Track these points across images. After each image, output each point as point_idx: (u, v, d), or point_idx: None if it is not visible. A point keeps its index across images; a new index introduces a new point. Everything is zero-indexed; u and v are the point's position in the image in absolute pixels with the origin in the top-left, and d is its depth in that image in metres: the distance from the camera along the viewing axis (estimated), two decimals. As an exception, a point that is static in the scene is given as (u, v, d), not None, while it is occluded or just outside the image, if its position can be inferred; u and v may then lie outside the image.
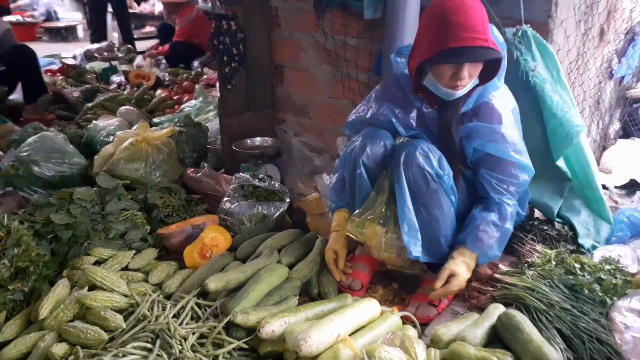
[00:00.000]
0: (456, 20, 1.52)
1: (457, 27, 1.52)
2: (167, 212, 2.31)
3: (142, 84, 4.58)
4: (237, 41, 2.70)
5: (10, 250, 1.81)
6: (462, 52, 1.53)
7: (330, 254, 1.89)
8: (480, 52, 1.55)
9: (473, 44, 1.52)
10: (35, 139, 2.53)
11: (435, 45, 1.55)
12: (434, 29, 1.57)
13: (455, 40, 1.51)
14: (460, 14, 1.53)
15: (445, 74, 1.60)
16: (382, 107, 1.83)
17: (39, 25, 9.05)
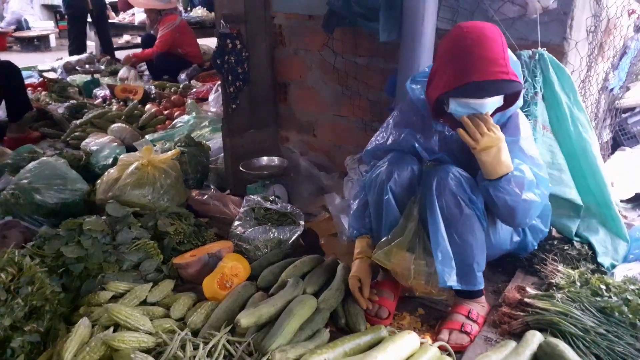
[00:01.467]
0: (479, 54, 1.52)
1: (480, 61, 1.51)
2: (178, 239, 2.23)
3: (129, 98, 4.46)
4: (242, 60, 2.65)
5: (24, 288, 1.71)
6: (485, 86, 1.53)
7: (354, 282, 1.86)
8: (502, 86, 1.55)
9: (495, 77, 1.52)
10: (36, 164, 2.42)
11: (458, 79, 1.54)
12: (455, 61, 1.56)
13: (478, 74, 1.51)
14: (483, 46, 1.53)
15: (469, 104, 1.60)
16: (403, 134, 1.82)
17: (9, 35, 8.76)
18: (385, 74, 2.53)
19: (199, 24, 5.93)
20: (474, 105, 1.60)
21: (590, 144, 2.04)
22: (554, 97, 2.02)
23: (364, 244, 1.92)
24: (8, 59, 7.58)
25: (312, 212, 2.75)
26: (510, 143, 1.69)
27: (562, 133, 2.03)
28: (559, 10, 2.02)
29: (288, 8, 2.78)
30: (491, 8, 2.10)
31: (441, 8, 2.17)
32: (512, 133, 1.72)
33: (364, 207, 1.94)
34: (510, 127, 1.73)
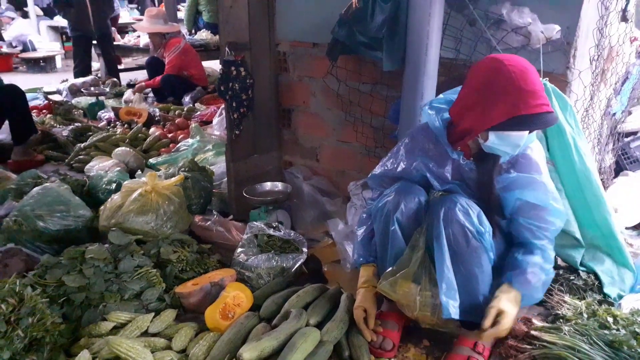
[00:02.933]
0: (526, 88, 1.51)
1: (528, 95, 1.51)
2: (181, 267, 2.22)
3: (133, 120, 4.48)
4: (246, 87, 2.66)
5: (25, 319, 1.70)
6: (533, 119, 1.53)
7: (359, 312, 1.84)
8: (547, 119, 1.55)
9: (541, 110, 1.52)
10: (39, 190, 2.41)
11: (505, 112, 1.52)
12: (501, 95, 1.53)
13: (527, 107, 1.51)
14: (529, 80, 1.52)
15: (509, 138, 1.59)
16: (415, 162, 1.81)
17: (15, 55, 8.86)
18: (388, 101, 2.54)
19: (203, 47, 5.99)
20: (513, 139, 1.59)
21: (593, 173, 2.03)
22: (557, 127, 2.02)
23: (370, 273, 1.91)
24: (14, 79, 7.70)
25: (315, 237, 2.74)
26: (533, 181, 1.70)
27: (565, 163, 2.02)
28: (562, 40, 2.03)
29: (292, 36, 2.81)
30: (494, 38, 2.11)
31: (444, 37, 2.19)
32: (528, 166, 1.72)
33: (369, 235, 1.94)
34: (524, 160, 1.73)
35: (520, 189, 1.71)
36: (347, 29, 2.26)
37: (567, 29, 2.01)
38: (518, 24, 2.03)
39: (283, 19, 2.80)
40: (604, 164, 3.15)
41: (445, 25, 2.18)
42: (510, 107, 1.51)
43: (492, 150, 1.64)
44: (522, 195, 1.72)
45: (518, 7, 2.04)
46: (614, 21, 2.31)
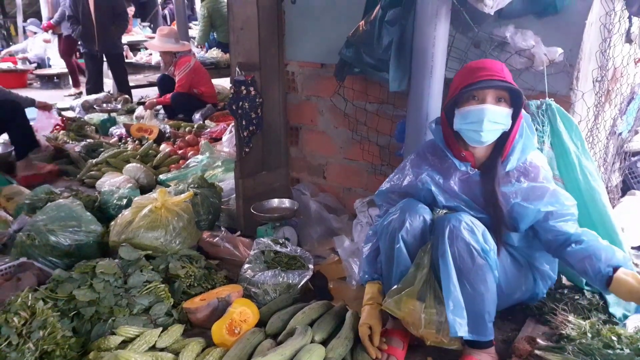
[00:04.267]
0: (475, 66, 1.75)
1: (475, 70, 1.72)
2: (189, 282, 2.25)
3: (144, 137, 4.56)
4: (255, 105, 2.72)
5: (36, 332, 1.74)
6: (478, 83, 1.69)
7: (364, 329, 1.86)
8: (493, 83, 1.69)
9: (489, 78, 1.69)
10: (52, 206, 2.47)
11: (457, 88, 1.73)
12: (456, 80, 1.78)
13: (473, 78, 1.71)
14: (480, 63, 1.78)
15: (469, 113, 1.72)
16: (421, 175, 1.86)
17: (30, 72, 9.05)
18: (394, 120, 2.58)
19: (213, 65, 6.10)
20: (473, 112, 1.71)
21: (600, 193, 2.05)
22: (562, 147, 2.05)
23: (375, 290, 1.93)
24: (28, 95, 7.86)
25: (321, 254, 2.76)
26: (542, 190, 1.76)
27: (570, 182, 2.04)
28: (565, 62, 2.07)
29: (301, 57, 2.88)
30: (498, 59, 2.15)
31: (450, 59, 2.24)
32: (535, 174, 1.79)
33: (375, 252, 1.97)
34: (530, 169, 1.80)
35: (538, 200, 1.76)
36: (355, 51, 2.32)
37: (570, 51, 2.05)
38: (521, 46, 2.07)
39: (292, 40, 2.87)
40: (611, 183, 3.15)
41: (451, 47, 2.23)
42: (461, 82, 1.73)
43: (464, 134, 1.78)
44: (543, 207, 1.76)
45: (521, 30, 2.09)
46: (618, 43, 2.35)
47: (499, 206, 1.76)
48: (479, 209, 1.81)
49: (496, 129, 1.73)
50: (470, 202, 1.82)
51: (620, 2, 2.19)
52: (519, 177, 1.79)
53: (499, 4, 1.90)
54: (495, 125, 1.72)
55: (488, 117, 1.69)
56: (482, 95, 1.72)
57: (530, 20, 2.10)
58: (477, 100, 1.72)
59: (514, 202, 1.77)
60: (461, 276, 1.69)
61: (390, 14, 2.16)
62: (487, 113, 1.69)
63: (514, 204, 1.76)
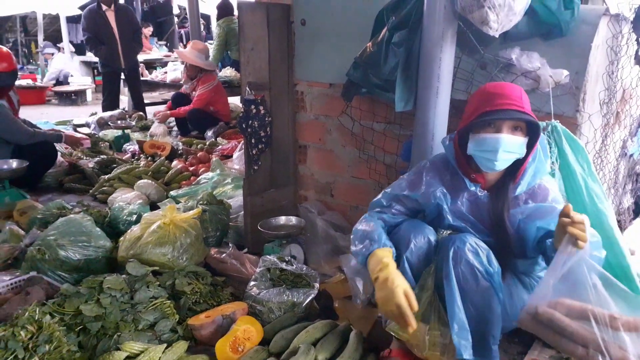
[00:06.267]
0: (493, 92, 1.70)
1: (494, 96, 1.68)
2: (195, 299, 2.26)
3: (156, 153, 4.63)
4: (265, 124, 2.76)
5: (42, 347, 1.76)
6: (497, 113, 1.66)
7: (401, 295, 1.58)
8: (512, 113, 1.65)
9: (506, 107, 1.65)
10: (63, 221, 2.52)
11: (475, 113, 1.69)
12: (474, 102, 1.73)
13: (492, 105, 1.66)
14: (498, 87, 1.73)
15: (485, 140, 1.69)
16: (436, 189, 1.83)
17: (49, 89, 9.27)
18: (400, 140, 2.60)
19: (227, 83, 6.19)
20: (488, 140, 1.68)
21: (607, 216, 2.03)
22: (568, 169, 2.04)
23: (387, 253, 1.72)
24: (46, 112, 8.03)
25: (327, 272, 2.77)
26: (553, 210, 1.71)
27: (577, 205, 2.03)
28: (571, 84, 2.07)
29: (310, 77, 2.92)
30: (504, 81, 2.17)
31: (456, 79, 2.26)
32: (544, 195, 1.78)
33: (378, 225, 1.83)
34: (540, 191, 1.79)
35: (540, 218, 1.72)
36: (362, 71, 2.35)
37: (576, 73, 2.06)
38: (527, 68, 2.09)
39: (301, 61, 2.91)
40: (622, 205, 3.12)
41: (457, 68, 2.25)
42: (478, 107, 1.69)
43: (478, 160, 1.74)
44: (544, 224, 1.70)
45: (527, 52, 2.10)
46: (627, 65, 2.35)
47: (506, 230, 1.75)
48: (485, 231, 1.81)
49: (510, 157, 1.71)
50: (477, 223, 1.82)
51: (628, 24, 2.20)
52: (527, 200, 1.79)
53: (504, 26, 1.92)
54: (510, 154, 1.70)
55: (503, 147, 1.67)
56: (498, 124, 1.68)
57: (536, 43, 2.12)
58: (493, 128, 1.69)
59: (519, 220, 1.75)
60: (465, 298, 1.68)
61: (397, 36, 2.19)
62: (503, 143, 1.66)
63: (519, 221, 1.75)
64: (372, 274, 1.67)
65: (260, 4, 2.82)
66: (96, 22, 6.23)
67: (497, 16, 1.84)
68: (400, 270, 1.79)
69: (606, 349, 1.38)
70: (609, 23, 2.13)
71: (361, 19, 2.50)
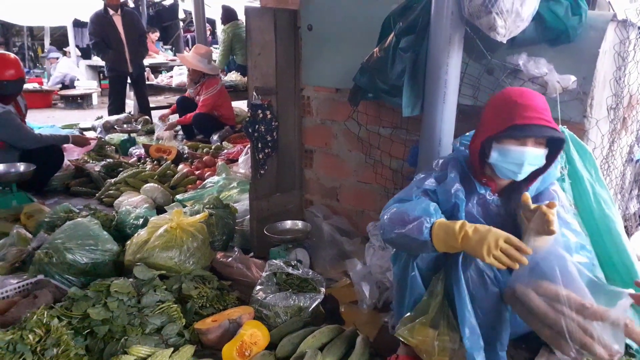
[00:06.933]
0: (521, 102, 1.64)
1: (523, 108, 1.62)
2: (201, 303, 2.27)
3: (162, 157, 4.64)
4: (271, 129, 2.77)
5: (50, 350, 1.77)
6: (527, 128, 1.61)
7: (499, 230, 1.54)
8: (542, 130, 1.62)
9: (536, 122, 1.60)
10: (70, 225, 2.53)
11: (501, 124, 1.64)
12: (499, 110, 1.67)
13: (521, 118, 1.61)
14: (525, 97, 1.66)
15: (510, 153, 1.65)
16: (458, 189, 1.78)
17: (55, 93, 9.32)
18: (407, 145, 2.60)
19: (232, 88, 6.21)
20: (514, 153, 1.65)
21: (615, 222, 2.02)
22: (575, 174, 2.04)
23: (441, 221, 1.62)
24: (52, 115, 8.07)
25: (333, 277, 2.77)
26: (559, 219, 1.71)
27: (584, 210, 2.03)
28: (578, 90, 2.07)
29: (316, 82, 2.93)
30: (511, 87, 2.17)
31: (463, 85, 2.26)
32: (549, 199, 1.76)
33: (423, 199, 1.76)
34: (546, 195, 1.78)
35: None
36: (369, 77, 2.36)
37: (584, 79, 2.06)
38: (534, 74, 2.09)
39: (308, 66, 2.92)
40: (629, 211, 3.11)
41: (464, 73, 2.25)
42: (506, 118, 1.63)
43: (498, 169, 1.71)
44: None
45: (534, 57, 2.10)
46: (634, 70, 2.35)
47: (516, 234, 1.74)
48: None
49: (532, 169, 1.70)
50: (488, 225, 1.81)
51: (635, 30, 2.20)
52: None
53: (511, 32, 1.92)
54: (533, 167, 1.69)
55: (528, 160, 1.65)
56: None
57: (544, 48, 2.12)
58: (518, 141, 1.65)
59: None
60: (474, 303, 1.68)
61: (404, 42, 2.19)
62: (528, 157, 1.65)
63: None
64: (455, 236, 1.56)
65: (268, 10, 2.83)
66: (103, 27, 6.28)
67: (505, 22, 1.84)
68: (410, 277, 1.79)
69: (570, 333, 1.43)
70: (616, 29, 2.13)
71: (368, 25, 2.51)
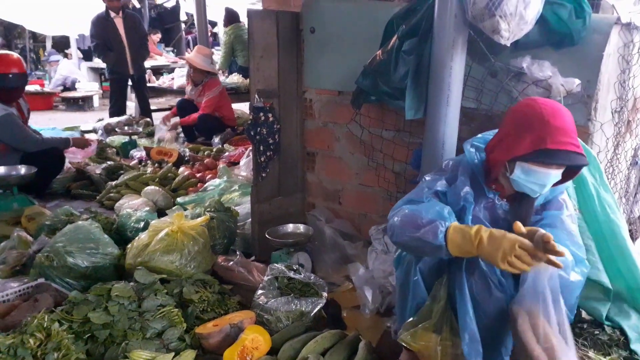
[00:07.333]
0: (554, 124, 1.56)
1: (555, 131, 1.56)
2: (202, 307, 2.25)
3: (163, 160, 4.63)
4: (273, 132, 2.76)
5: (51, 354, 1.76)
6: (558, 154, 1.56)
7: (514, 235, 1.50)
8: (572, 157, 1.57)
9: (568, 148, 1.56)
10: (71, 228, 2.52)
11: (533, 144, 1.57)
12: (529, 128, 1.59)
13: (553, 142, 1.55)
14: (558, 117, 1.58)
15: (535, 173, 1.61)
16: (467, 192, 1.75)
17: (56, 95, 9.32)
18: (410, 148, 2.59)
19: (234, 90, 6.20)
20: (539, 176, 1.61)
21: (620, 226, 2.01)
22: (580, 178, 2.02)
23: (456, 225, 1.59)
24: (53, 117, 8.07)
25: (335, 281, 2.75)
26: (552, 217, 1.71)
27: (589, 214, 2.02)
28: (582, 93, 2.06)
29: (319, 84, 2.92)
30: (515, 89, 2.16)
31: (466, 88, 2.25)
32: (557, 207, 1.75)
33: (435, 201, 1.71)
34: (554, 203, 1.76)
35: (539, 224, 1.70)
36: (371, 79, 2.35)
37: (588, 82, 2.05)
38: (538, 77, 2.07)
39: (310, 68, 2.91)
40: (633, 214, 3.09)
41: (467, 76, 2.24)
42: (537, 139, 1.56)
43: (518, 185, 1.66)
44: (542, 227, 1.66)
45: (538, 60, 2.09)
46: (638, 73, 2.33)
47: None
48: None
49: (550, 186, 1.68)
50: None
51: (639, 33, 2.18)
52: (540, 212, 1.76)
53: (515, 35, 1.91)
54: (551, 185, 1.67)
55: (551, 181, 1.63)
56: None
57: (547, 51, 2.11)
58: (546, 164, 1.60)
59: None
60: (478, 308, 1.66)
61: (407, 44, 2.18)
62: (552, 179, 1.63)
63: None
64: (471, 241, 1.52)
65: (270, 12, 2.82)
66: (104, 29, 6.28)
67: (509, 25, 1.83)
68: (413, 282, 1.77)
69: None
70: (620, 32, 2.12)
71: (370, 27, 2.50)
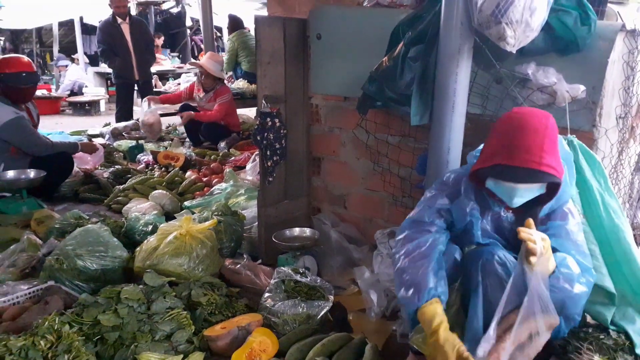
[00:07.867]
0: (513, 140, 1.57)
1: (513, 147, 1.56)
2: (210, 310, 2.28)
3: (170, 164, 4.67)
4: (280, 137, 2.79)
5: (61, 357, 1.78)
6: (513, 171, 1.56)
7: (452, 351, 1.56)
8: (532, 175, 1.56)
9: (524, 165, 1.54)
10: (81, 231, 2.55)
11: (490, 158, 1.61)
12: (494, 141, 1.63)
13: (508, 158, 1.56)
14: (521, 133, 1.56)
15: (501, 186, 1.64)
16: (473, 208, 1.78)
17: (63, 99, 9.40)
18: (415, 153, 2.61)
19: (239, 95, 6.25)
20: (504, 187, 1.63)
21: (624, 232, 2.02)
22: (585, 184, 2.04)
23: (440, 310, 1.64)
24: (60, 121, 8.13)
25: (341, 285, 2.77)
26: (557, 227, 1.72)
27: (593, 219, 2.02)
28: (587, 99, 2.08)
29: (325, 90, 2.95)
30: (520, 95, 2.18)
31: (471, 94, 2.26)
32: (562, 217, 1.76)
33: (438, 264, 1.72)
34: (559, 213, 1.76)
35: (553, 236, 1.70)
36: (377, 85, 2.37)
37: (593, 88, 2.06)
38: (543, 83, 2.09)
39: (317, 74, 2.94)
40: (637, 220, 3.10)
41: (472, 82, 2.26)
42: (495, 154, 1.59)
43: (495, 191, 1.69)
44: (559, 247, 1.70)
45: (543, 67, 2.11)
46: (642, 80, 2.35)
47: None
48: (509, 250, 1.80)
49: (528, 198, 1.66)
50: (503, 242, 1.81)
51: (644, 40, 2.20)
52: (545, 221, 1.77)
53: (521, 42, 1.93)
54: (526, 199, 1.66)
55: (519, 195, 1.63)
56: None
57: (552, 58, 2.13)
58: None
59: None
60: (490, 309, 1.68)
61: (413, 51, 2.21)
62: (519, 192, 1.62)
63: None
64: (425, 331, 1.63)
65: (277, 19, 2.86)
66: (111, 35, 6.35)
67: (514, 32, 1.85)
68: None
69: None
70: (625, 39, 2.13)
71: (377, 34, 2.53)
